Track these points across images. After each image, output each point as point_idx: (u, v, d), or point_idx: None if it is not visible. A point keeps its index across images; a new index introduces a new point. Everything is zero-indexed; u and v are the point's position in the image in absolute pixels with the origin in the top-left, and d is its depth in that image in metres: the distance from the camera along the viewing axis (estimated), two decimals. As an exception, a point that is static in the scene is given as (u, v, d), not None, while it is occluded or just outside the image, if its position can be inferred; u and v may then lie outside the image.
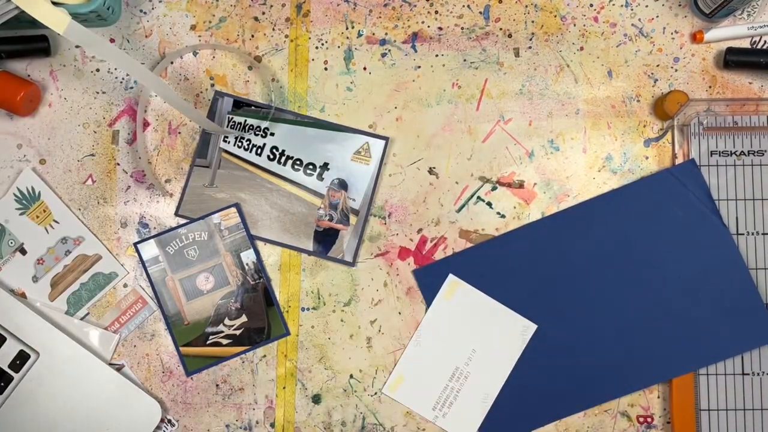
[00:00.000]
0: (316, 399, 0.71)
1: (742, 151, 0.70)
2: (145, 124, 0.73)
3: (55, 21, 0.61)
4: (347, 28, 0.73)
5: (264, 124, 0.72)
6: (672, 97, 0.69)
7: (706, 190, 0.69)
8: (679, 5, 0.72)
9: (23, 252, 0.72)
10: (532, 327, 0.69)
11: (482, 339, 0.69)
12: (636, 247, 0.69)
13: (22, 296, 0.72)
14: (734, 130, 0.70)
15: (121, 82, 0.73)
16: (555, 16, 0.73)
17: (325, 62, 0.73)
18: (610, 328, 0.69)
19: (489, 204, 0.72)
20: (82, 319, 0.72)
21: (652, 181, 0.70)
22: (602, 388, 0.69)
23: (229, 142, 0.72)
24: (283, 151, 0.72)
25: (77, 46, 0.73)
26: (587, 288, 0.69)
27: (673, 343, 0.68)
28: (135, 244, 0.72)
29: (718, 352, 0.68)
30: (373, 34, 0.73)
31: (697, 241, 0.69)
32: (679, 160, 0.70)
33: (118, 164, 0.73)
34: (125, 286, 0.72)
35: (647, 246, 0.69)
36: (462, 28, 0.73)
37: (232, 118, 0.73)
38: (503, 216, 0.72)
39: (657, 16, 0.72)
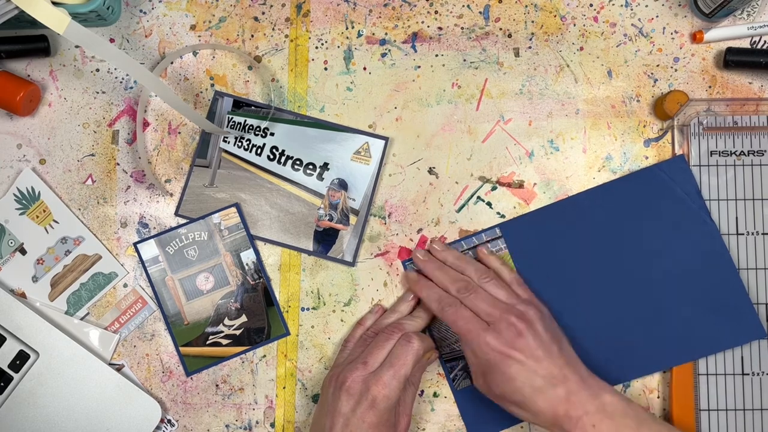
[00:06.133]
0: (317, 399, 0.71)
1: (742, 151, 0.70)
2: (145, 124, 0.73)
3: (55, 21, 0.61)
4: (347, 28, 0.73)
5: (264, 124, 0.72)
6: (672, 97, 0.69)
7: (695, 185, 0.69)
8: (679, 5, 0.72)
9: (23, 252, 0.72)
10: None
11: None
12: (623, 241, 0.69)
13: (22, 296, 0.72)
14: (734, 130, 0.70)
15: (121, 82, 0.73)
16: (555, 16, 0.73)
17: (325, 62, 0.73)
18: (596, 321, 0.69)
19: (489, 204, 0.72)
20: (82, 319, 0.72)
21: (640, 176, 0.70)
22: None
23: (229, 142, 0.72)
24: (283, 151, 0.72)
25: (77, 46, 0.73)
26: (574, 281, 0.69)
27: (658, 337, 0.68)
28: (135, 244, 0.72)
29: (703, 348, 0.68)
30: (373, 34, 0.73)
31: (685, 236, 0.69)
32: (679, 160, 0.70)
33: (118, 164, 0.73)
34: (125, 286, 0.72)
35: (634, 240, 0.69)
36: (462, 28, 0.73)
37: (232, 118, 0.73)
38: (503, 216, 0.72)
39: (657, 16, 0.72)
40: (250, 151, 0.72)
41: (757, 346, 0.69)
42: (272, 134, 0.72)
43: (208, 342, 0.71)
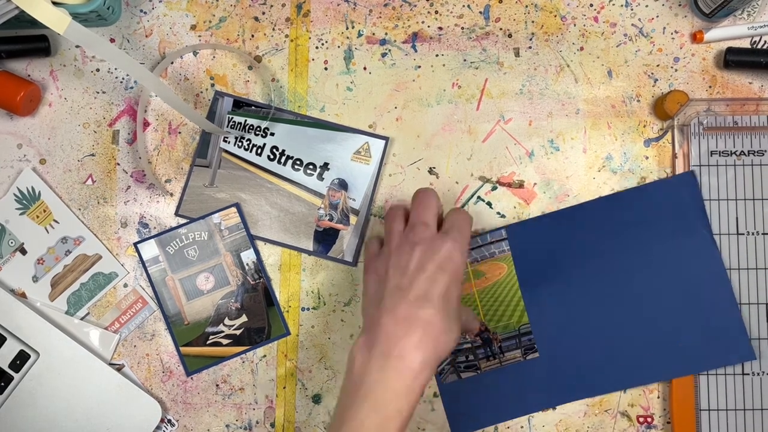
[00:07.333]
0: (317, 399, 0.71)
1: (742, 151, 0.70)
2: (146, 124, 0.73)
3: (56, 21, 0.61)
4: (347, 28, 0.73)
5: (264, 124, 0.72)
6: (672, 97, 0.69)
7: (701, 203, 0.69)
8: (679, 5, 0.72)
9: (23, 252, 0.72)
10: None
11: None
12: (626, 253, 0.69)
13: (22, 296, 0.72)
14: (734, 130, 0.70)
15: (122, 82, 0.73)
16: (555, 16, 0.73)
17: (325, 62, 0.73)
18: (593, 329, 0.69)
19: (489, 204, 0.72)
20: (82, 319, 0.72)
21: (648, 189, 0.70)
22: (581, 384, 0.69)
23: (229, 142, 0.72)
24: (283, 151, 0.72)
25: (77, 46, 0.73)
26: (574, 289, 0.69)
27: (653, 350, 0.68)
28: (135, 244, 0.72)
29: (695, 365, 0.68)
30: (373, 33, 0.73)
31: (686, 254, 0.68)
32: (680, 160, 0.70)
33: (118, 164, 0.73)
34: (125, 286, 0.72)
35: (637, 253, 0.69)
36: (462, 28, 0.73)
37: (232, 118, 0.73)
38: (503, 216, 0.72)
39: (657, 16, 0.72)
40: (251, 151, 0.72)
41: (758, 346, 0.69)
42: (272, 134, 0.72)
43: (208, 342, 0.71)
